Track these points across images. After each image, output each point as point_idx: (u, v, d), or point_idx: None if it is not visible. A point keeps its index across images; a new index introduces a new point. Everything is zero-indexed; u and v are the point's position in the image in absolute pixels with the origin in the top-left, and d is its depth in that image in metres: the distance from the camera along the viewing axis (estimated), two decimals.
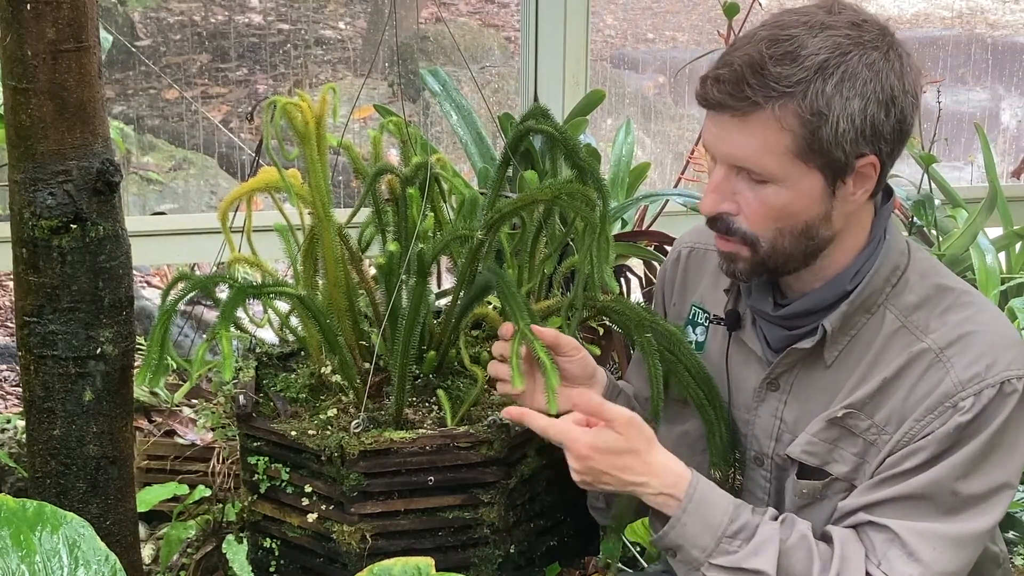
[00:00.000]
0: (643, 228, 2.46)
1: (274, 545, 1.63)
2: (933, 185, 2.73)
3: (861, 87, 1.32)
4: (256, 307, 1.89)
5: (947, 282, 1.46)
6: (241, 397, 1.62)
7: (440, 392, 1.64)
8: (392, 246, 1.61)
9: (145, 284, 3.82)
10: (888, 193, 1.47)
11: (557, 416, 1.47)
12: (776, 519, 1.43)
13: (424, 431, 1.57)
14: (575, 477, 1.42)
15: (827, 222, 1.39)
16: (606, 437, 1.40)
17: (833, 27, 1.33)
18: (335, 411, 1.64)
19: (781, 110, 1.31)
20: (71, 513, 1.26)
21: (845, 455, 1.44)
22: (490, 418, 1.58)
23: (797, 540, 1.40)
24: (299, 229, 1.73)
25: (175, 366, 1.61)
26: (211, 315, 2.81)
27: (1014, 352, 1.39)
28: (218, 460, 2.20)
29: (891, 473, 1.39)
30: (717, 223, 1.42)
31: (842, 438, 1.44)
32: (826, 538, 1.41)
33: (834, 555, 1.38)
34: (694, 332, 1.62)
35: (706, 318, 1.61)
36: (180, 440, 2.33)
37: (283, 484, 1.60)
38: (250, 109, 3.31)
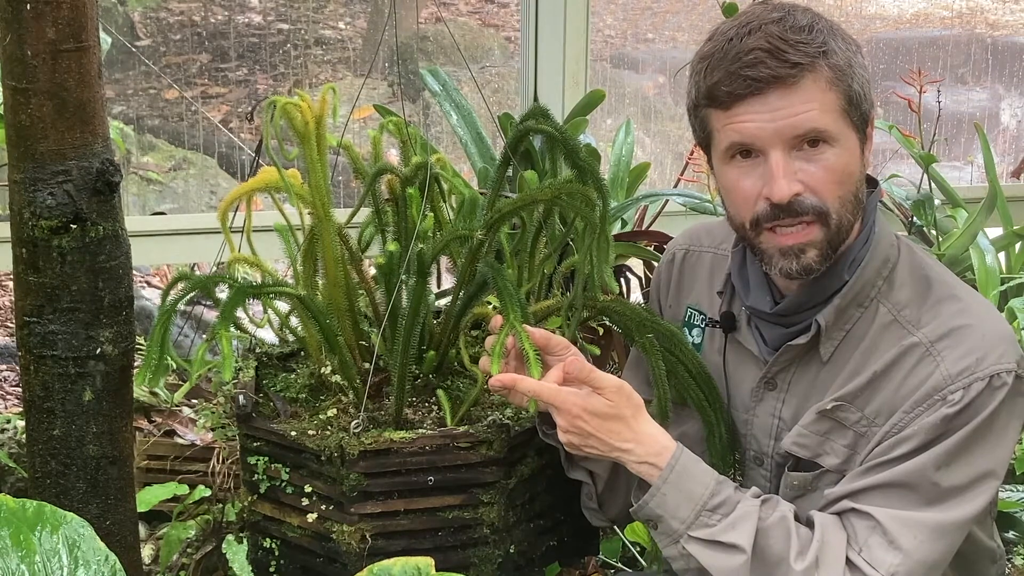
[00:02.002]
0: (643, 228, 2.46)
1: (274, 545, 1.63)
2: (933, 185, 2.73)
3: (852, 43, 1.40)
4: (256, 307, 1.89)
5: (938, 275, 1.47)
6: (241, 397, 1.62)
7: (440, 392, 1.64)
8: (392, 246, 1.61)
9: (145, 284, 3.82)
10: (872, 183, 1.49)
11: (542, 411, 1.49)
12: (758, 497, 1.43)
13: (424, 431, 1.57)
14: (562, 437, 1.44)
15: (863, 186, 1.44)
16: (596, 402, 1.41)
17: (796, 7, 1.40)
18: (335, 411, 1.64)
19: (824, 69, 1.36)
20: (71, 513, 1.26)
21: (836, 447, 1.45)
22: (490, 418, 1.58)
23: (776, 520, 1.40)
24: (299, 229, 1.73)
25: (175, 366, 1.61)
26: (211, 315, 2.81)
27: (1004, 346, 1.40)
28: (218, 460, 2.21)
29: (877, 462, 1.40)
30: (787, 209, 1.38)
31: (833, 430, 1.45)
32: (809, 523, 1.42)
33: (814, 539, 1.38)
34: (691, 334, 1.62)
35: (702, 320, 1.61)
36: (180, 440, 2.34)
37: (283, 484, 1.60)
38: (250, 109, 3.31)
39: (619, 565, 2.17)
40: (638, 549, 2.19)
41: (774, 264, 1.42)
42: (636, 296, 2.37)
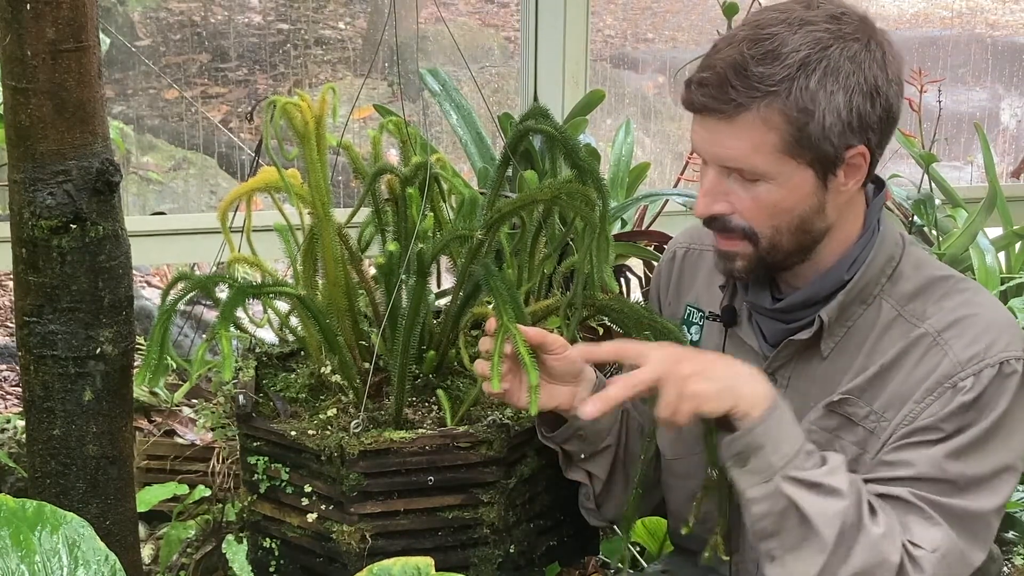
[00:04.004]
0: (643, 228, 2.46)
1: (274, 545, 1.63)
2: (933, 185, 2.73)
3: (844, 80, 1.33)
4: (256, 307, 1.89)
5: (942, 272, 1.47)
6: (241, 397, 1.62)
7: (440, 392, 1.64)
8: (392, 246, 1.61)
9: (145, 284, 3.82)
10: (880, 184, 1.49)
11: (540, 413, 1.48)
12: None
13: (424, 431, 1.57)
14: (697, 388, 1.34)
15: (821, 215, 1.41)
16: (675, 348, 1.39)
17: (812, 22, 1.34)
18: (335, 411, 1.64)
19: (767, 110, 1.33)
20: (71, 513, 1.26)
21: (845, 445, 1.44)
22: (490, 418, 1.58)
23: (856, 479, 1.38)
24: (299, 229, 1.73)
25: (175, 366, 1.61)
26: (211, 315, 2.81)
27: (1011, 334, 1.40)
28: (218, 460, 2.21)
29: (896, 457, 1.39)
30: (714, 223, 1.43)
31: (842, 427, 1.44)
32: None
33: (878, 508, 1.36)
34: (689, 332, 1.62)
35: (701, 317, 1.61)
36: (180, 440, 2.33)
37: (283, 484, 1.60)
38: (250, 109, 3.31)
39: (619, 565, 2.17)
40: (638, 549, 2.19)
41: (716, 260, 1.47)
42: (636, 296, 2.37)
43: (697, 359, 1.38)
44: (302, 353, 1.82)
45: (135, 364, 1.71)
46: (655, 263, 2.32)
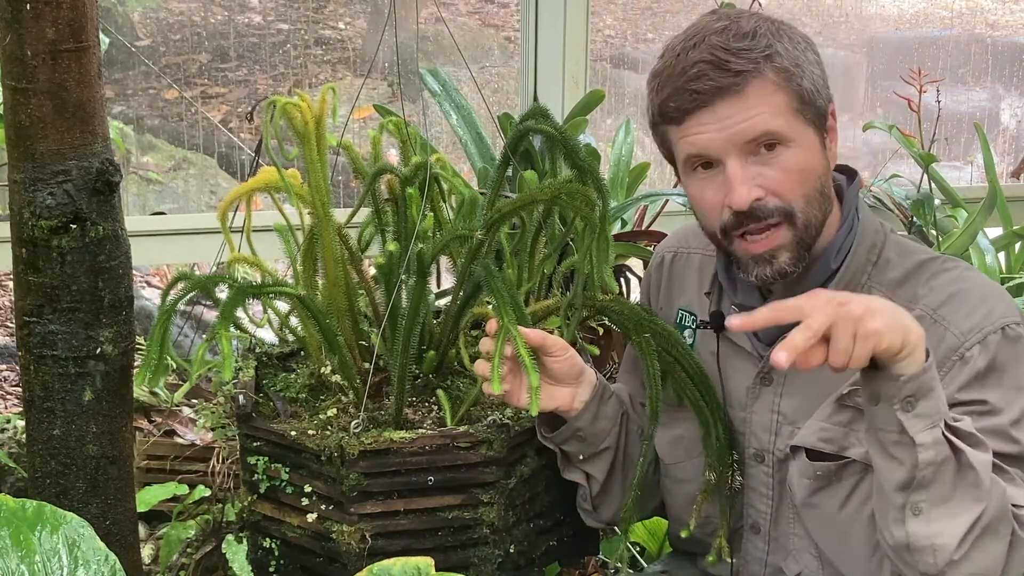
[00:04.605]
0: (643, 228, 2.46)
1: (274, 545, 1.63)
2: (933, 185, 2.73)
3: (801, 42, 1.43)
4: (256, 307, 1.89)
5: (927, 255, 1.49)
6: (241, 397, 1.62)
7: (440, 392, 1.64)
8: (392, 246, 1.61)
9: (145, 284, 3.82)
10: (852, 174, 1.51)
11: (540, 413, 1.48)
12: None
13: (424, 431, 1.57)
14: (874, 326, 1.23)
15: (828, 179, 1.45)
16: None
17: (742, 14, 1.43)
18: (335, 411, 1.64)
19: (770, 71, 1.38)
20: (71, 513, 1.26)
21: (861, 436, 1.43)
22: (490, 418, 1.58)
23: None
24: (299, 229, 1.73)
25: (175, 366, 1.61)
26: (211, 315, 2.81)
27: (1006, 302, 1.42)
28: (218, 460, 2.21)
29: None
30: (752, 214, 1.40)
31: (855, 420, 1.43)
32: None
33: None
34: (683, 335, 1.62)
35: (693, 321, 1.61)
36: (180, 440, 2.33)
37: (283, 484, 1.60)
38: (250, 109, 3.31)
39: (619, 565, 2.17)
40: (638, 549, 2.19)
41: (750, 271, 1.44)
42: (636, 296, 2.37)
43: (859, 298, 1.27)
44: (302, 353, 1.82)
45: (135, 364, 1.71)
46: None
